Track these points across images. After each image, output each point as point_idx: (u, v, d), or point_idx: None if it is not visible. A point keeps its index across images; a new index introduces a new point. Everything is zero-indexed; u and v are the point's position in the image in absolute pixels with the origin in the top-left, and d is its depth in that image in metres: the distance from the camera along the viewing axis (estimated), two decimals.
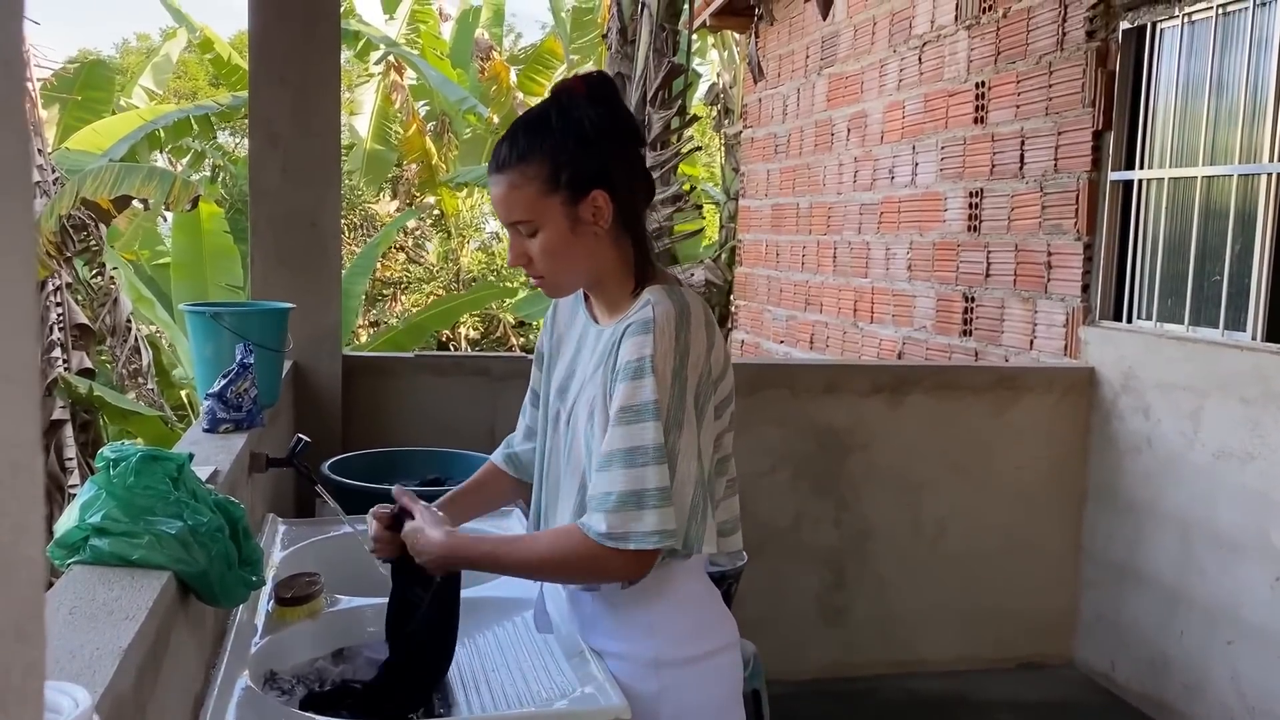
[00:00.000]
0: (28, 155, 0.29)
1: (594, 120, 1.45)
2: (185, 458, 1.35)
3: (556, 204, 1.44)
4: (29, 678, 0.29)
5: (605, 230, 1.47)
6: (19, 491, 0.29)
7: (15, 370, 0.28)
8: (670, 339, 1.39)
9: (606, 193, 1.45)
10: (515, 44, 17.51)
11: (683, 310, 1.41)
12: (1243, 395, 3.17)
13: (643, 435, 1.37)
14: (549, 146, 1.44)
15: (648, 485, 1.37)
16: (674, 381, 1.39)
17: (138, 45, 22.96)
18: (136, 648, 1.03)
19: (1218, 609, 3.26)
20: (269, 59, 3.21)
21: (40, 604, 0.30)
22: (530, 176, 1.44)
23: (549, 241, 1.46)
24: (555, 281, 1.52)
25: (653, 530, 1.37)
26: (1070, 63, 3.95)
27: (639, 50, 5.45)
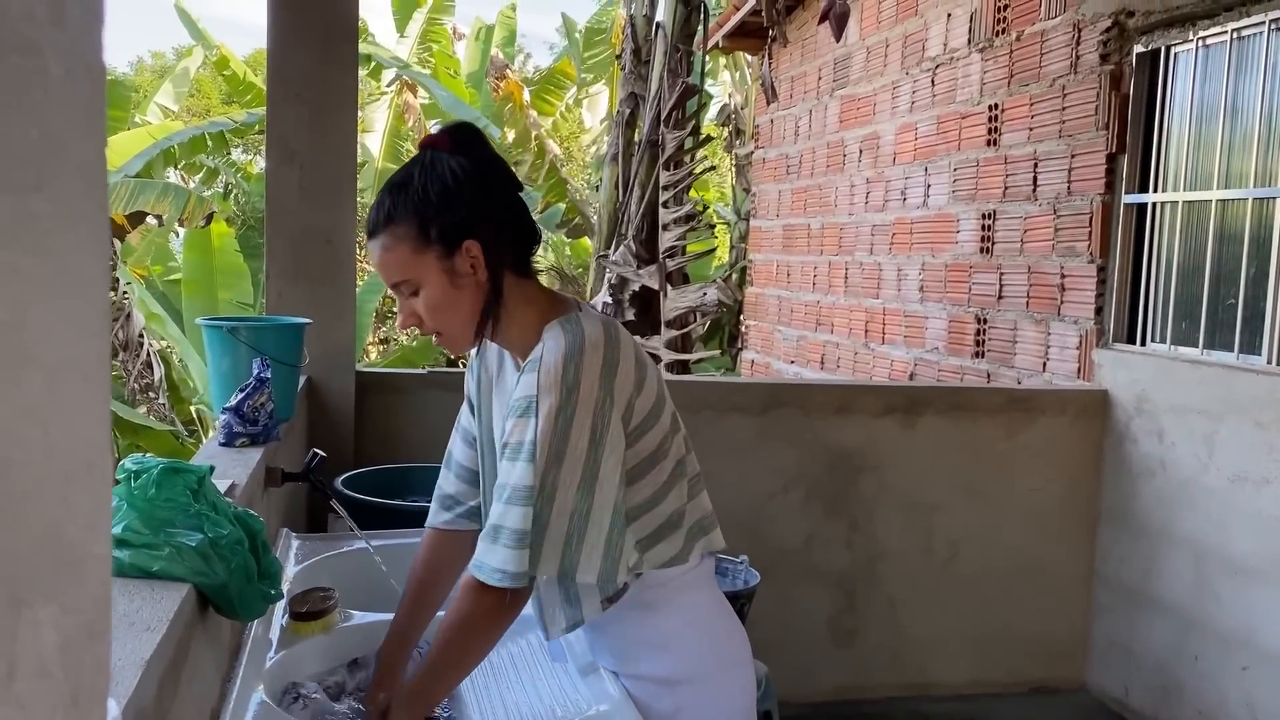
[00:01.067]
0: (104, 159, 0.29)
1: (455, 172, 1.44)
2: (206, 470, 1.36)
3: (430, 260, 1.44)
4: (98, 675, 0.29)
5: (485, 279, 1.46)
6: (92, 490, 0.29)
7: (92, 370, 0.28)
8: (556, 377, 1.38)
9: (478, 242, 1.44)
10: (524, 64, 17.62)
11: (573, 344, 1.40)
12: (1258, 419, 3.16)
13: (511, 473, 1.39)
14: (413, 204, 1.44)
15: (504, 523, 1.38)
16: (556, 420, 1.38)
17: (152, 63, 23.16)
18: (158, 659, 1.03)
19: (1233, 634, 3.23)
20: (287, 77, 3.23)
21: (108, 601, 0.30)
22: (400, 237, 1.44)
23: (432, 298, 1.45)
24: (450, 336, 1.51)
25: (495, 568, 1.38)
26: (1084, 86, 3.95)
27: (653, 71, 5.48)
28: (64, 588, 0.28)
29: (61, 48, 0.26)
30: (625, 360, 1.44)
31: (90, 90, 0.27)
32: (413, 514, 2.62)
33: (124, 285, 7.44)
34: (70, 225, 0.27)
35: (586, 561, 1.40)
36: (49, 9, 0.25)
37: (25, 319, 0.24)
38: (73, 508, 0.28)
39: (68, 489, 0.28)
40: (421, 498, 2.90)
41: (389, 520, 2.43)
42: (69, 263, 0.27)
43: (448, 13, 13.37)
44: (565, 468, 1.38)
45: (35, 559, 0.26)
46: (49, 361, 0.25)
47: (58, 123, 0.26)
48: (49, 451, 0.26)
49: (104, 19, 0.28)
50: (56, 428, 0.27)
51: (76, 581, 0.28)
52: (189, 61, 13.22)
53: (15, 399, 0.24)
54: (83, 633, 0.29)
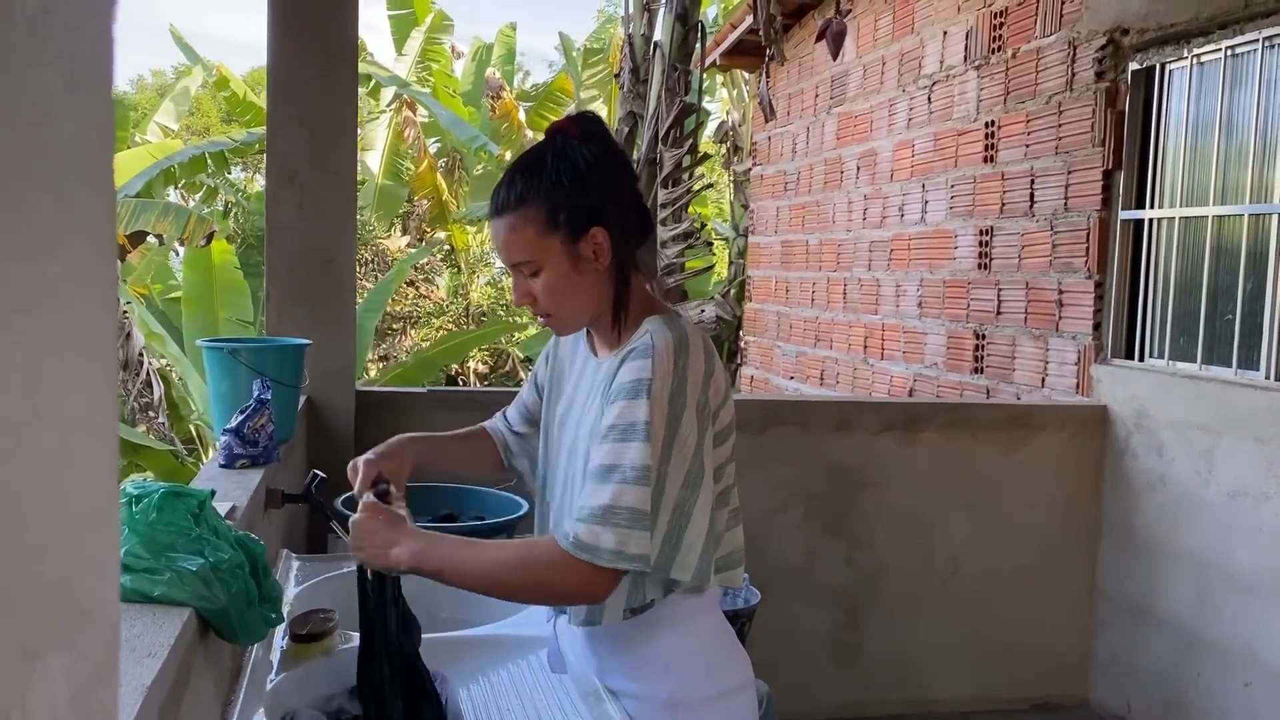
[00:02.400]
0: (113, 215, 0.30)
1: (588, 159, 1.46)
2: (207, 494, 1.36)
3: (556, 243, 1.45)
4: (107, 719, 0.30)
5: (606, 266, 1.48)
6: (103, 539, 0.30)
7: (102, 423, 0.29)
8: (669, 365, 1.39)
9: (605, 229, 1.46)
10: (524, 82, 17.69)
11: (681, 339, 1.42)
12: (1257, 435, 3.17)
13: (626, 454, 1.37)
14: (545, 187, 1.45)
15: (620, 503, 1.36)
16: (670, 407, 1.38)
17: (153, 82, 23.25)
18: (159, 685, 1.03)
19: (1235, 650, 3.23)
20: (287, 97, 3.25)
21: (117, 647, 0.31)
22: (529, 218, 1.45)
23: (551, 280, 1.47)
24: (561, 319, 1.53)
25: (612, 549, 1.35)
26: (1080, 103, 3.98)
27: (651, 89, 5.51)
28: (75, 637, 0.28)
29: (74, 112, 0.27)
30: (719, 369, 1.47)
31: (100, 150, 0.28)
32: None
33: (124, 304, 7.45)
34: (81, 284, 0.28)
35: (684, 559, 1.39)
36: (63, 77, 0.25)
37: (39, 380, 0.24)
38: (85, 558, 0.29)
39: (79, 541, 0.28)
40: (422, 517, 2.90)
41: None
42: (80, 321, 0.27)
43: (446, 31, 13.43)
44: (674, 459, 1.38)
45: (48, 611, 0.26)
46: (61, 418, 0.26)
47: (70, 185, 0.27)
48: (61, 505, 0.27)
49: (113, 79, 0.29)
50: (68, 482, 0.27)
51: (87, 629, 0.29)
52: (189, 81, 13.27)
53: (29, 456, 0.24)
54: (93, 679, 0.29)
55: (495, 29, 14.64)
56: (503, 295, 15.28)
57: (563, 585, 1.41)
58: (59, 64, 0.25)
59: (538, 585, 1.44)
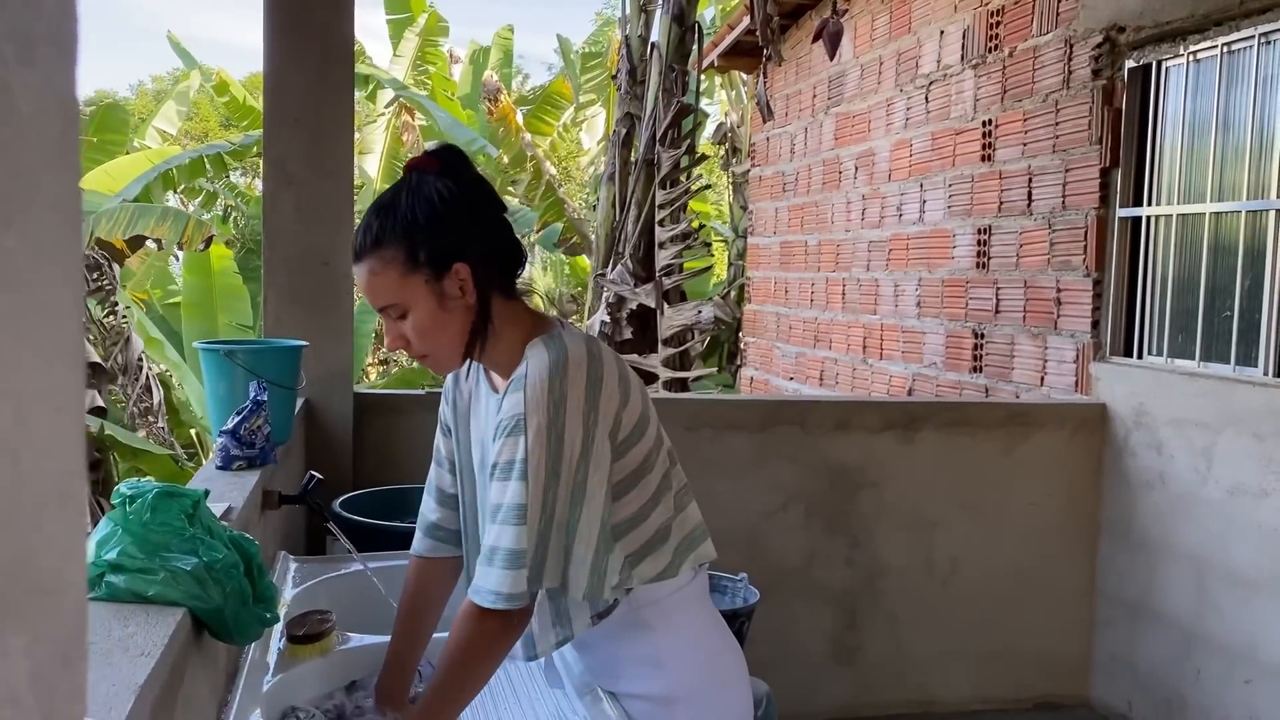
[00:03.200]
0: (78, 194, 0.30)
1: (443, 194, 1.43)
2: (201, 494, 1.36)
3: (420, 283, 1.42)
4: (72, 703, 0.30)
5: (474, 301, 1.45)
6: (66, 519, 0.29)
7: (64, 401, 0.28)
8: (543, 393, 1.38)
9: (467, 264, 1.43)
10: (523, 85, 17.70)
11: (557, 359, 1.40)
12: (1256, 431, 3.16)
13: (505, 493, 1.38)
14: (401, 227, 1.42)
15: (499, 544, 1.37)
16: (548, 436, 1.37)
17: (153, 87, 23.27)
18: (152, 685, 1.03)
19: (1235, 647, 3.22)
20: (283, 101, 3.25)
21: (84, 629, 0.30)
22: (388, 260, 1.42)
23: (420, 321, 1.44)
24: (437, 358, 1.50)
25: (491, 590, 1.37)
26: (1077, 101, 3.97)
27: (649, 91, 5.51)
28: (36, 617, 0.28)
29: (32, 86, 0.26)
30: (609, 375, 1.43)
31: (63, 125, 0.28)
32: (410, 535, 2.62)
33: (123, 309, 7.45)
34: (41, 259, 0.27)
35: (575, 577, 1.40)
36: (18, 49, 0.25)
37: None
38: (46, 537, 0.28)
39: (40, 519, 0.28)
40: (409, 518, 2.90)
41: (387, 542, 2.43)
42: (40, 297, 0.27)
43: (443, 35, 13.44)
44: (561, 483, 1.38)
45: (6, 589, 0.26)
46: (18, 393, 0.26)
47: (28, 160, 0.26)
48: (19, 482, 0.26)
49: (77, 54, 0.29)
50: (27, 458, 0.27)
51: (50, 611, 0.29)
52: (187, 85, 13.28)
53: None
54: (56, 661, 0.29)
55: (493, 32, 14.64)
56: None
57: (478, 638, 1.40)
58: (12, 36, 0.25)
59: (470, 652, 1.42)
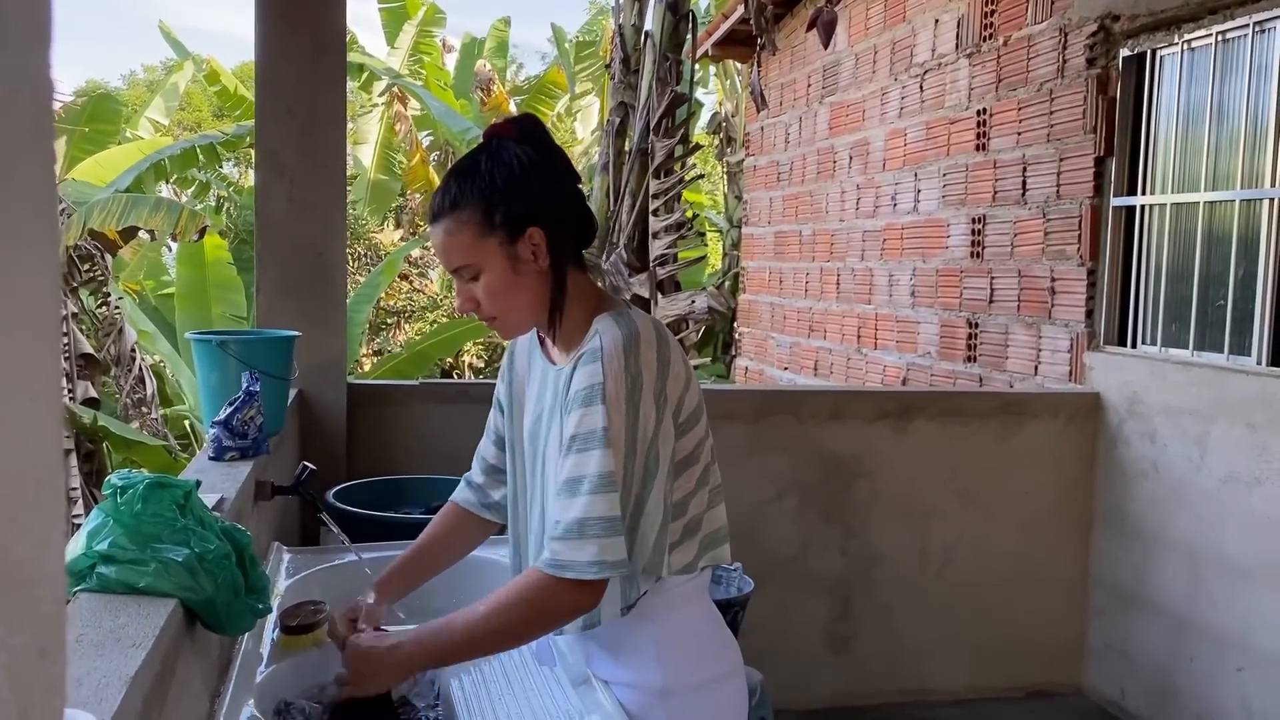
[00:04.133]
0: (53, 180, 0.29)
1: (523, 160, 1.45)
2: (192, 484, 1.35)
3: (494, 245, 1.44)
4: (51, 695, 0.29)
5: (546, 267, 1.46)
6: (42, 508, 0.29)
7: (40, 389, 0.28)
8: (620, 364, 1.39)
9: (541, 229, 1.45)
10: (517, 74, 17.65)
11: (630, 335, 1.41)
12: (1249, 420, 3.17)
13: (589, 464, 1.37)
14: (480, 190, 1.44)
15: (591, 514, 1.37)
16: (626, 406, 1.38)
17: (145, 77, 23.16)
18: (143, 675, 1.03)
19: (1228, 636, 3.23)
20: (276, 90, 3.23)
21: (62, 620, 0.30)
22: (464, 221, 1.44)
23: (492, 283, 1.46)
24: (506, 321, 1.51)
25: (593, 560, 1.36)
26: (1071, 90, 3.97)
27: (642, 80, 5.49)
28: (12, 608, 0.27)
29: (4, 68, 0.26)
30: (675, 358, 1.45)
31: (36, 111, 0.27)
32: (404, 525, 2.62)
33: (115, 300, 7.43)
34: (16, 247, 0.27)
35: (639, 555, 1.42)
36: None
37: None
38: (21, 527, 0.28)
39: (15, 508, 0.27)
40: (414, 509, 2.90)
41: (381, 532, 2.42)
42: (15, 284, 0.27)
43: (438, 24, 13.39)
44: (637, 457, 1.39)
45: None
46: None
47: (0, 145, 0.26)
48: None
49: (51, 37, 0.28)
50: (1, 447, 0.27)
51: (26, 602, 0.28)
52: (179, 76, 13.23)
53: None
54: (32, 652, 0.28)
55: (488, 23, 14.61)
56: None
57: (557, 608, 1.41)
58: None
59: (537, 617, 1.43)
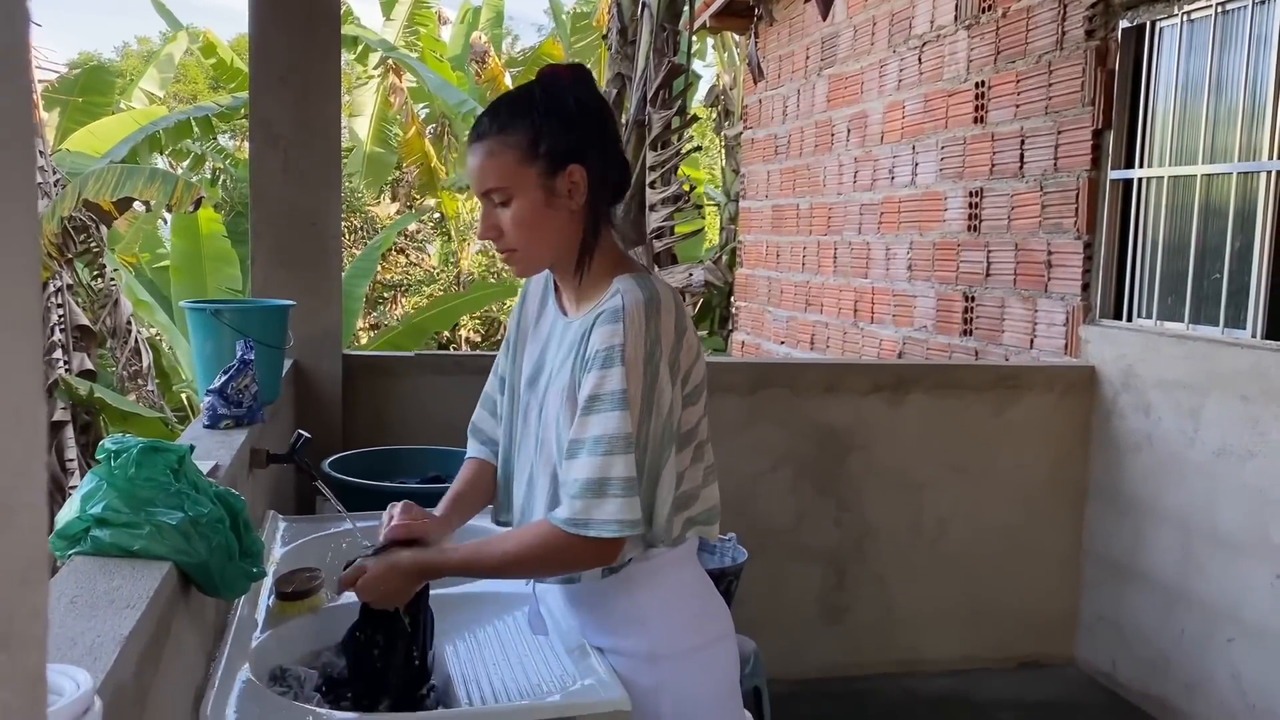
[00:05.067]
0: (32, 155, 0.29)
1: (577, 99, 1.47)
2: (186, 449, 1.36)
3: (532, 174, 1.45)
4: (33, 622, 0.29)
5: (578, 209, 1.47)
6: (22, 437, 0.29)
7: (18, 318, 0.28)
8: (640, 327, 1.39)
9: (583, 168, 1.45)
10: (512, 46, 17.53)
11: (652, 298, 1.42)
12: (1243, 393, 3.18)
13: (608, 424, 1.38)
14: (531, 118, 1.45)
15: (611, 474, 1.38)
16: (645, 370, 1.39)
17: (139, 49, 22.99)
18: (137, 636, 1.03)
19: (1218, 607, 3.26)
20: (269, 60, 3.21)
21: (43, 549, 0.30)
22: (509, 144, 1.45)
23: (521, 211, 1.46)
24: (525, 255, 1.51)
25: (611, 519, 1.38)
26: (1070, 62, 3.95)
27: (639, 51, 5.46)
28: None
29: None
30: (690, 330, 1.47)
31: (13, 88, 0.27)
32: (399, 495, 2.62)
33: (111, 271, 7.41)
34: None
35: (658, 516, 1.44)
36: None
37: None
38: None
39: None
40: (410, 479, 2.90)
41: (376, 501, 2.42)
42: None
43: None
44: (653, 420, 1.41)
45: None
46: None
47: None
48: None
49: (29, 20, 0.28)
50: None
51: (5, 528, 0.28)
52: (174, 47, 13.13)
53: None
54: (14, 580, 0.29)
55: None
56: (494, 263, 15.23)
57: (577, 563, 1.45)
58: None
59: (556, 569, 1.49)
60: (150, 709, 1.10)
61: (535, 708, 1.46)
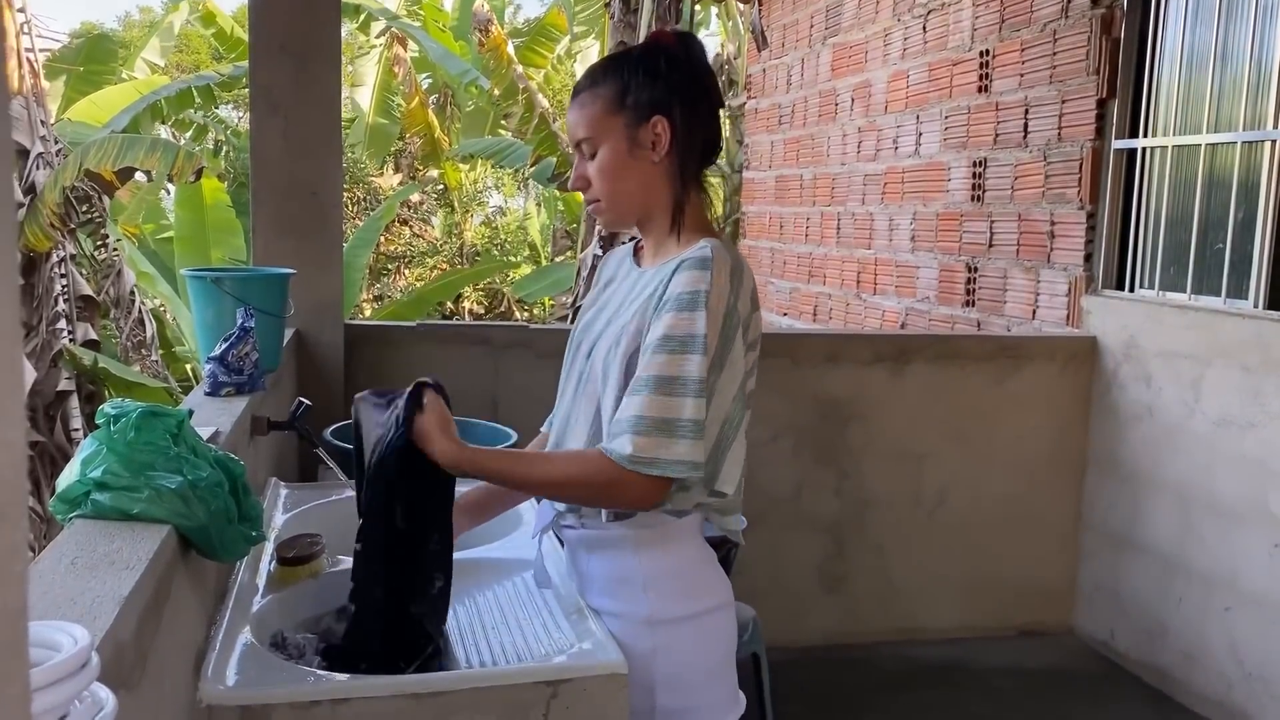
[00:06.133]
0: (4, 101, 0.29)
1: (671, 58, 1.51)
2: (185, 414, 1.36)
3: (619, 124, 1.49)
4: (11, 559, 0.30)
5: (661, 160, 1.50)
6: None
7: None
8: (726, 280, 1.42)
9: (668, 121, 1.49)
10: (515, 16, 17.42)
11: (737, 264, 1.45)
12: (1244, 363, 3.17)
13: (685, 366, 1.39)
14: (623, 72, 1.51)
15: (683, 415, 1.39)
16: (725, 322, 1.41)
17: (140, 19, 22.84)
18: (137, 596, 1.05)
19: (1216, 576, 3.27)
20: (269, 27, 3.20)
21: (21, 487, 0.31)
22: (599, 95, 1.51)
23: (605, 161, 1.51)
24: (610, 205, 1.54)
25: (680, 460, 1.39)
26: (1075, 30, 3.92)
27: (641, 19, 5.42)
28: None
29: None
30: (757, 302, 1.49)
31: None
32: None
33: (114, 242, 7.41)
34: None
35: (729, 472, 1.46)
36: None
37: None
38: None
39: None
40: None
41: None
42: None
43: None
44: (726, 373, 1.43)
45: None
46: None
47: None
48: None
49: None
50: None
51: None
52: (175, 17, 13.06)
53: None
54: None
55: None
56: (497, 235, 15.20)
57: (627, 498, 1.44)
58: None
59: (595, 499, 1.48)
60: (151, 669, 1.12)
61: (534, 669, 1.48)
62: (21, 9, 6.98)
